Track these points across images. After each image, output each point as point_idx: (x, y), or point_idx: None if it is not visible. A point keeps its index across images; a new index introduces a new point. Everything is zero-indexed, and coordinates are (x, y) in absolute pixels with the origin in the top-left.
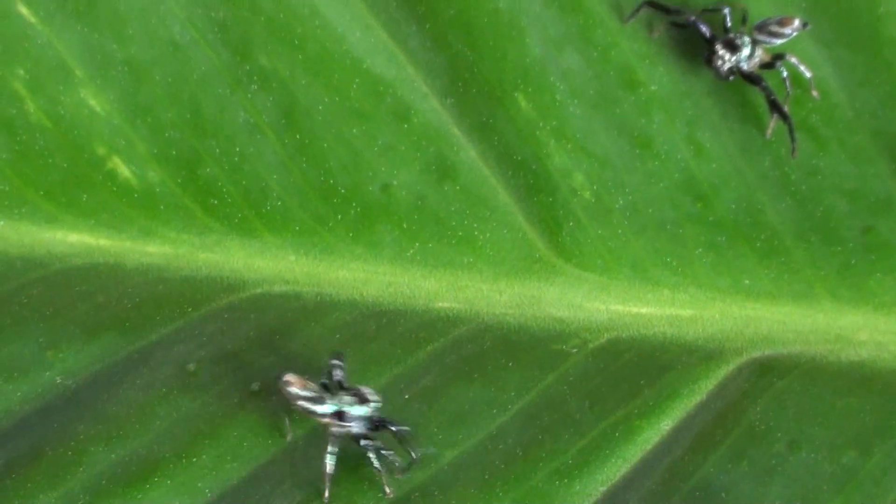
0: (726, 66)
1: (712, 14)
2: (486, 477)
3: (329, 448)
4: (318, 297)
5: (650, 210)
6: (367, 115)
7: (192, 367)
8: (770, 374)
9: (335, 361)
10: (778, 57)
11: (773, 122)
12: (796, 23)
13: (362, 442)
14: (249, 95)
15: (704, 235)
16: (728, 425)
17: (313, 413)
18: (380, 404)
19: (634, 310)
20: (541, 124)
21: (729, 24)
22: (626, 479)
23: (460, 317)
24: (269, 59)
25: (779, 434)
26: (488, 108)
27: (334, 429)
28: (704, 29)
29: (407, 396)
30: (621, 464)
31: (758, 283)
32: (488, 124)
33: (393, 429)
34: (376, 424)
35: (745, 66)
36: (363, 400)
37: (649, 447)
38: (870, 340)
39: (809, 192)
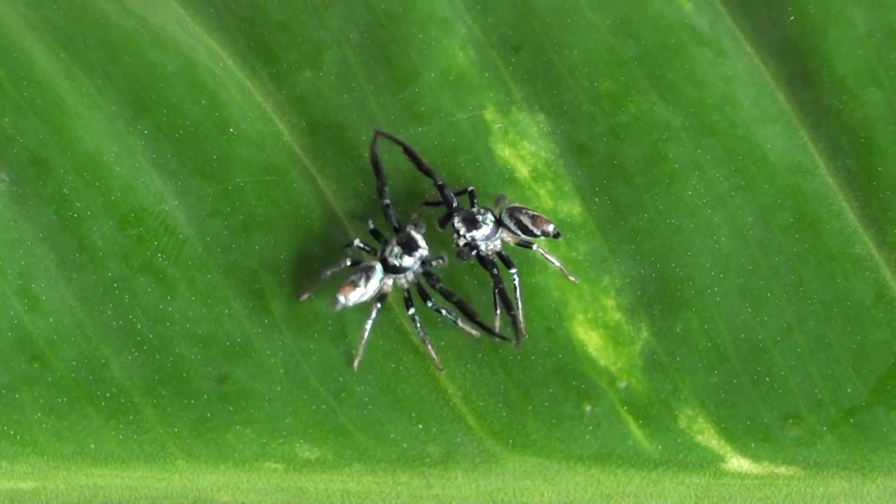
0: (461, 241)
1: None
2: None
3: (373, 316)
4: None
5: None
6: None
7: None
8: None
9: (387, 202)
10: (525, 245)
11: (498, 319)
12: (550, 228)
13: (429, 303)
14: None
15: (44, 398)
16: None
17: (375, 294)
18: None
19: None
20: None
21: (475, 203)
22: None
23: None
24: None
25: None
26: None
27: (402, 283)
28: (451, 197)
29: None
30: None
31: (104, 447)
32: None
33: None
34: (428, 270)
35: (482, 247)
36: (410, 247)
37: None
38: (232, 501)
39: (158, 341)
